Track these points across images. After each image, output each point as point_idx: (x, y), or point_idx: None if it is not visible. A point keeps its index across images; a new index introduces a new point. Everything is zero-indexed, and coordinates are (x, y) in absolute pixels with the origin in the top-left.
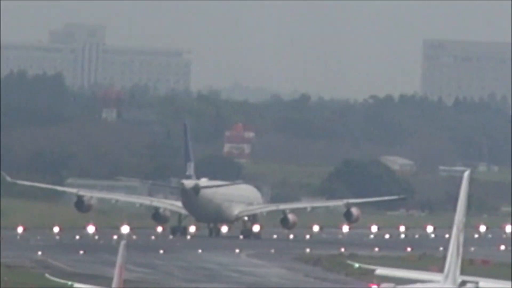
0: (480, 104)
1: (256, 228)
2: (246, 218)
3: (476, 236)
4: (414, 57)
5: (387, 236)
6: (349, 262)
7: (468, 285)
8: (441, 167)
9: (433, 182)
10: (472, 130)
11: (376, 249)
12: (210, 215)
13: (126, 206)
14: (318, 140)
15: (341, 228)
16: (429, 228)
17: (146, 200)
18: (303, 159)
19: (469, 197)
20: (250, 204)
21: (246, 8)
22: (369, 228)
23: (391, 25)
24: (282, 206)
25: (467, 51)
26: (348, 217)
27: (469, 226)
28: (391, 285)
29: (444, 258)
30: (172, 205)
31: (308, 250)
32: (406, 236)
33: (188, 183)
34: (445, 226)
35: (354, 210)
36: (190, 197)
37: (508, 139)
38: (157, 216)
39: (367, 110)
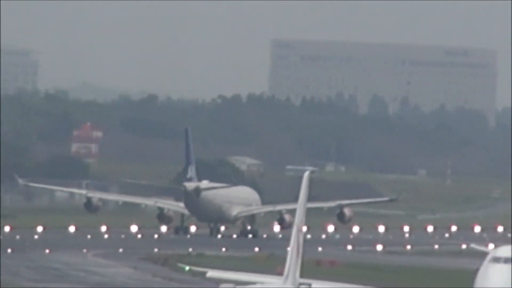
0: (327, 103)
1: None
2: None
3: (324, 236)
4: (262, 56)
5: (234, 236)
6: (180, 264)
7: (302, 286)
8: (289, 167)
9: (281, 181)
10: (320, 130)
11: (224, 249)
12: (210, 216)
13: None
14: (166, 140)
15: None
16: (276, 228)
17: (151, 201)
18: (151, 159)
19: (316, 197)
20: (249, 205)
21: (93, 8)
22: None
23: (239, 25)
24: (279, 207)
25: (315, 51)
26: (340, 217)
27: (317, 227)
28: (231, 285)
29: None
30: (176, 206)
31: (156, 250)
32: (254, 236)
33: (190, 185)
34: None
35: (347, 211)
36: (192, 198)
37: (355, 138)
38: (162, 216)
39: (215, 110)
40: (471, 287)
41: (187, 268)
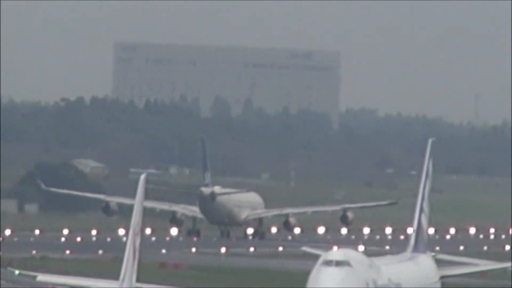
0: (171, 106)
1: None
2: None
3: (168, 239)
4: (106, 59)
5: (78, 239)
6: (10, 269)
7: None
8: (132, 170)
9: (124, 184)
10: (164, 133)
11: (68, 251)
12: (223, 219)
13: None
14: (9, 143)
15: (34, 232)
16: (121, 231)
17: (166, 206)
18: None
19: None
20: (255, 208)
21: None
22: (61, 231)
23: (81, 27)
24: (285, 211)
25: (158, 54)
26: (344, 220)
27: (161, 229)
28: None
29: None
30: (189, 209)
31: (0, 253)
32: (98, 239)
33: (206, 190)
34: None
35: (350, 214)
36: (207, 202)
37: (198, 141)
38: (174, 219)
39: (58, 113)
40: None
41: (17, 272)
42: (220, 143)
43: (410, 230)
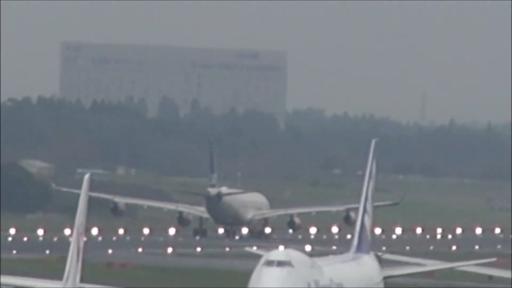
0: (117, 106)
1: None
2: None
3: (115, 238)
4: (52, 59)
5: (25, 239)
6: None
7: None
8: (79, 170)
9: (71, 185)
10: (111, 133)
11: (14, 251)
12: (229, 219)
13: None
14: None
15: None
16: (67, 231)
17: (173, 206)
18: None
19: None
20: (260, 209)
21: None
22: (8, 231)
23: (28, 26)
24: (290, 211)
25: (105, 54)
26: (347, 220)
27: (109, 229)
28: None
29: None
30: (195, 209)
31: None
32: (44, 238)
33: (213, 190)
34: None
35: (353, 214)
36: (214, 203)
37: (145, 141)
38: (181, 219)
39: (5, 113)
40: None
41: None
42: (167, 143)
43: (419, 230)
